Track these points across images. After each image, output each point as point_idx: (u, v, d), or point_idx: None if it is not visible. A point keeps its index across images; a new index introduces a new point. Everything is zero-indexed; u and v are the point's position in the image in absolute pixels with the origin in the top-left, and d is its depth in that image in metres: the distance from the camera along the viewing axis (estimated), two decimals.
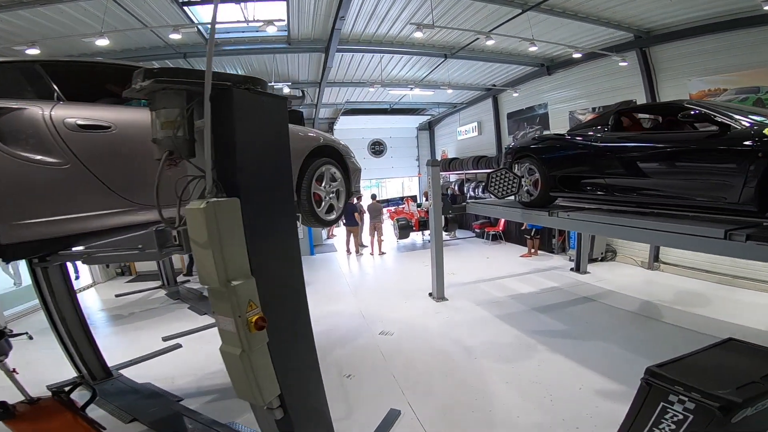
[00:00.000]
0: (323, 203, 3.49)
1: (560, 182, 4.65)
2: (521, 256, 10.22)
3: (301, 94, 11.91)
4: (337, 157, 3.74)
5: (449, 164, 15.33)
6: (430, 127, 18.78)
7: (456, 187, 15.18)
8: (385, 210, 15.20)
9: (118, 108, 2.34)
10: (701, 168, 3.25)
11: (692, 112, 3.26)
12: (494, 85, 12.96)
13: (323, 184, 3.49)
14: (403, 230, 11.64)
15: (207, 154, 1.71)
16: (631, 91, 8.32)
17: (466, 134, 15.19)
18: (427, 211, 7.58)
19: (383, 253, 11.23)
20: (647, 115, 4.55)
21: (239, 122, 1.81)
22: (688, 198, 3.35)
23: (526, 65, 10.81)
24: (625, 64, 8.16)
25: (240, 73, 10.39)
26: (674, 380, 2.14)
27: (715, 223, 3.13)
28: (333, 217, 3.64)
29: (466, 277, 8.48)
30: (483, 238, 12.66)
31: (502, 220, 11.67)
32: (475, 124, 14.50)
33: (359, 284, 8.80)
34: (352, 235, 11.32)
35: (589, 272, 8.38)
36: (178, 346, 5.51)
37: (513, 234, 11.70)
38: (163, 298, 8.19)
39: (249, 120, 1.89)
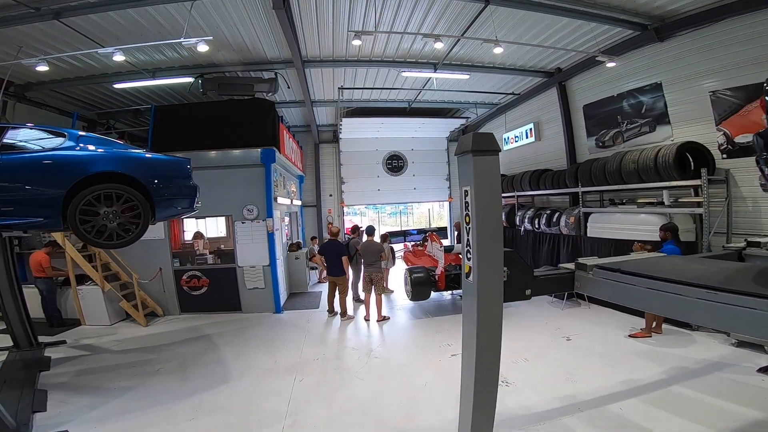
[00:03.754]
0: None
1: None
2: (631, 336, 5.65)
3: (273, 76, 8.39)
4: None
5: None
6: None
7: (503, 217, 10.75)
8: (400, 245, 11.03)
9: None
10: None
11: None
12: (560, 69, 8.81)
13: None
14: (419, 288, 6.90)
15: None
16: None
17: (517, 141, 10.95)
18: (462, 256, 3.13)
19: (384, 320, 6.93)
20: None
21: None
22: None
23: (619, 23, 6.61)
24: None
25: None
26: None
27: None
28: None
29: (535, 392, 4.09)
30: (550, 294, 8.04)
31: None
32: (530, 126, 10.27)
33: (312, 398, 4.29)
34: (337, 289, 7.17)
35: None
36: None
37: None
38: None
39: None
